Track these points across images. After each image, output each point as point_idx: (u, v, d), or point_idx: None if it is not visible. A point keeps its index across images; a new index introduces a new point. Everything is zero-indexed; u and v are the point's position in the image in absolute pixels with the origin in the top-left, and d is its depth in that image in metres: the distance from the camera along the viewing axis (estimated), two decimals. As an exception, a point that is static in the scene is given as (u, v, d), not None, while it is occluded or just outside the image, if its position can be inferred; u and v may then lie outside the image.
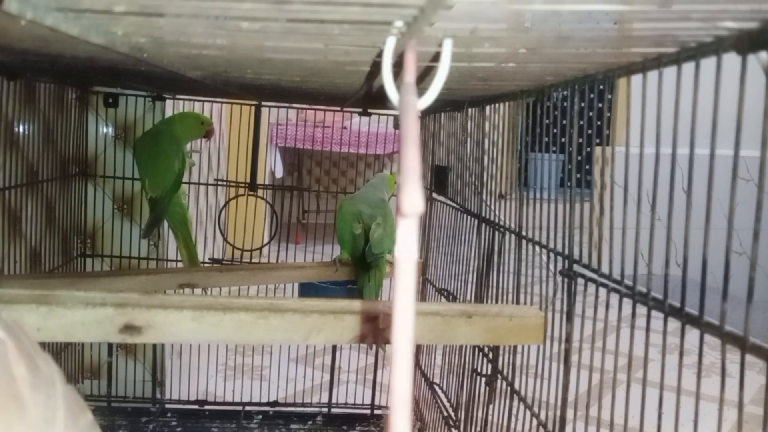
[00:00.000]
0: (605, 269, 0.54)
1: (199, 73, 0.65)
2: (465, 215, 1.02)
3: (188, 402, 1.36)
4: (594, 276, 0.54)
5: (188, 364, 1.47)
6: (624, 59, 0.47)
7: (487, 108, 0.87)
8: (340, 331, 0.60)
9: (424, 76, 0.51)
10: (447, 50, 0.37)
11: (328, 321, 0.60)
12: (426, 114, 1.28)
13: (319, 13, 0.32)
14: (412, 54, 0.39)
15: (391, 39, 0.38)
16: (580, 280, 0.58)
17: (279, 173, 2.94)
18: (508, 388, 0.76)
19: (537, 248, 0.71)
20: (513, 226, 0.76)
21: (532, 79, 0.62)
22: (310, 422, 1.34)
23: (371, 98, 0.95)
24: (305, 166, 3.63)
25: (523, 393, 0.73)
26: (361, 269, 1.07)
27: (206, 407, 1.35)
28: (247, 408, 1.36)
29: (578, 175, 0.94)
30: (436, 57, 0.46)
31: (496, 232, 0.83)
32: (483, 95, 0.80)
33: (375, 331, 0.62)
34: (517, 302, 0.74)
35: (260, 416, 1.35)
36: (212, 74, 0.66)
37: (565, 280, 0.60)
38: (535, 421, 0.69)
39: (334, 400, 1.39)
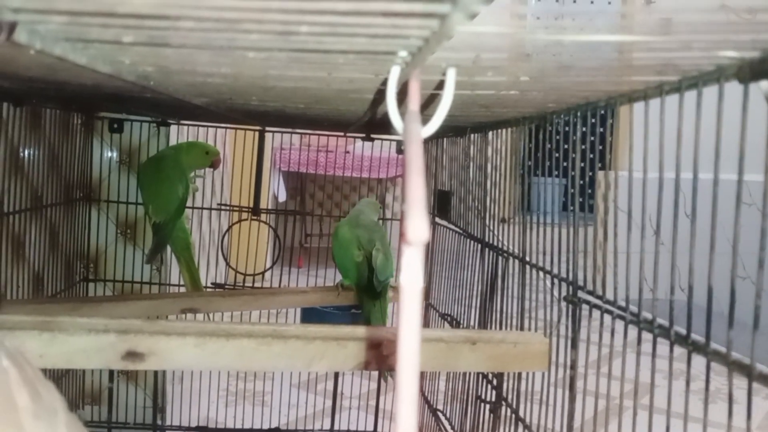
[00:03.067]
0: (609, 295, 0.54)
1: (204, 100, 0.65)
2: (468, 240, 1.01)
3: (189, 429, 1.35)
4: (598, 302, 0.54)
5: (189, 390, 1.46)
6: (626, 87, 0.47)
7: (489, 133, 0.88)
8: (342, 358, 0.60)
9: (428, 104, 0.52)
10: (451, 79, 0.38)
11: (330, 348, 0.60)
12: (428, 139, 1.28)
13: (325, 43, 0.32)
14: (416, 83, 0.39)
15: (396, 68, 0.39)
16: (585, 306, 0.58)
17: (282, 197, 2.95)
18: (513, 416, 0.76)
19: (541, 273, 0.71)
20: (516, 251, 0.76)
21: (534, 106, 0.63)
22: (312, 449, 1.33)
23: (375, 124, 0.96)
24: (308, 190, 3.64)
25: (528, 420, 0.72)
26: (366, 296, 1.07)
27: (207, 433, 1.34)
28: (249, 434, 1.35)
29: (581, 200, 0.94)
30: (440, 85, 0.46)
31: (500, 257, 0.83)
32: (485, 121, 0.81)
33: (378, 357, 0.62)
34: (521, 328, 0.74)
35: (262, 443, 1.34)
36: (217, 101, 0.66)
37: (570, 306, 0.60)
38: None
39: (336, 426, 1.38)
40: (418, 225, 0.28)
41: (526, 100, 0.57)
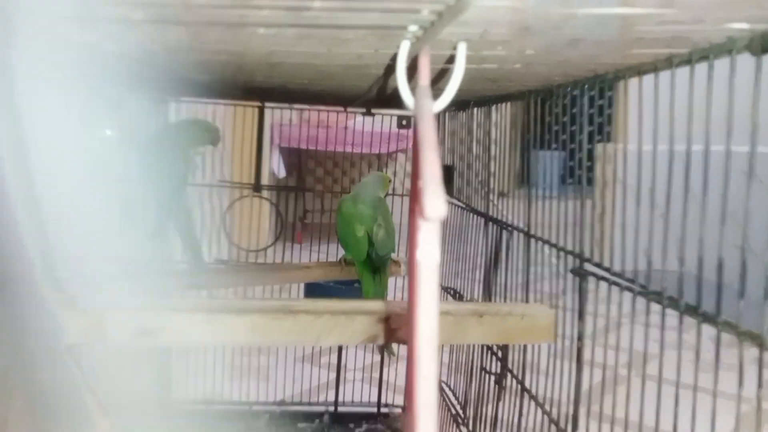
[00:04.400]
0: (615, 268, 0.54)
1: (208, 77, 0.65)
2: (470, 214, 1.02)
3: (195, 402, 1.36)
4: (606, 274, 0.55)
5: (195, 364, 1.48)
6: (634, 60, 0.47)
7: (493, 107, 0.87)
8: (351, 332, 0.60)
9: (438, 79, 0.51)
10: (462, 53, 0.37)
11: (339, 322, 0.60)
12: (429, 113, 1.28)
13: (337, 18, 0.32)
14: (426, 57, 0.39)
15: (406, 43, 0.39)
16: (591, 279, 0.59)
17: (281, 174, 2.95)
18: (518, 386, 0.77)
19: (546, 248, 0.71)
20: (520, 224, 0.76)
21: (540, 80, 0.63)
22: (317, 420, 1.35)
23: (377, 99, 0.95)
24: (306, 166, 3.64)
25: (534, 391, 0.73)
26: (366, 271, 1.07)
27: (213, 407, 1.36)
28: (255, 407, 1.36)
29: (579, 172, 0.94)
30: (448, 59, 0.46)
31: (504, 231, 0.83)
32: (490, 95, 0.81)
33: (387, 331, 0.63)
34: (527, 301, 0.74)
35: (267, 415, 1.35)
36: (221, 78, 0.66)
37: (576, 278, 0.61)
38: (546, 419, 0.69)
39: (340, 399, 1.39)
40: (436, 201, 0.28)
41: (532, 74, 0.57)
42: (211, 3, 0.30)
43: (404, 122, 1.32)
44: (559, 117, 0.70)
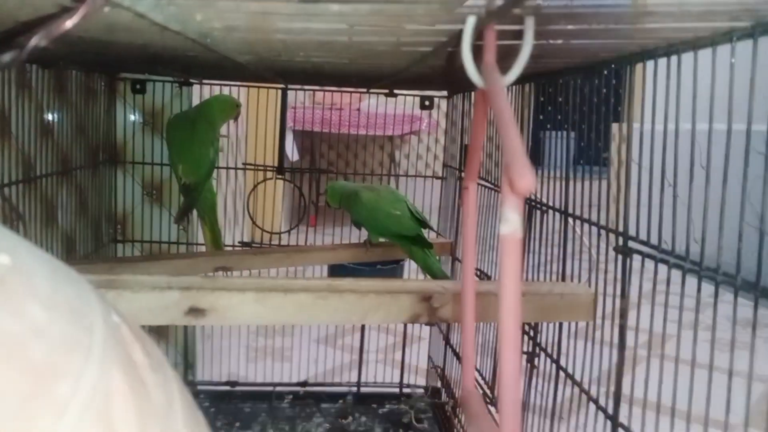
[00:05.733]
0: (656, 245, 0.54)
1: (249, 58, 0.65)
2: (497, 194, 1.02)
3: (219, 384, 1.38)
4: (653, 252, 0.55)
5: (218, 347, 1.49)
6: (689, 33, 0.47)
7: (526, 85, 0.87)
8: (396, 310, 0.61)
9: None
10: (530, 28, 0.37)
11: (384, 301, 0.60)
12: (453, 93, 1.27)
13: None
14: (492, 33, 0.39)
15: (472, 19, 0.38)
16: (636, 257, 0.59)
17: (294, 156, 2.95)
18: (552, 366, 0.77)
19: (579, 225, 0.71)
20: (556, 204, 0.76)
21: (583, 56, 0.62)
22: (340, 401, 1.36)
23: (403, 79, 0.95)
24: (318, 149, 3.63)
25: (569, 370, 0.74)
26: (416, 248, 1.10)
27: (237, 388, 1.37)
28: (278, 388, 1.38)
29: (606, 155, 0.94)
30: (508, 35, 0.46)
31: (537, 211, 0.83)
32: (525, 73, 0.80)
33: (429, 310, 0.63)
34: (563, 279, 0.74)
35: (291, 396, 1.37)
36: (261, 59, 0.66)
37: (620, 256, 0.61)
38: (584, 397, 0.70)
39: (363, 379, 1.41)
40: (525, 175, 0.28)
41: (578, 50, 0.56)
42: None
43: (427, 103, 1.31)
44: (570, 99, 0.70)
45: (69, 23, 0.28)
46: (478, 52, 0.39)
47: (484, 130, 0.43)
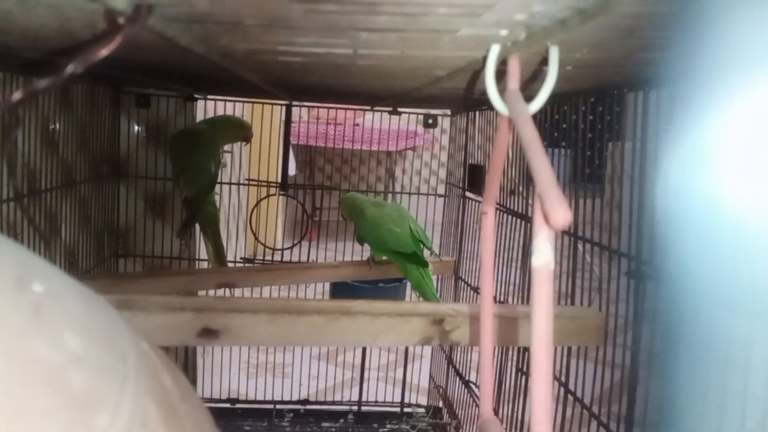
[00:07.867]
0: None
1: (261, 77, 0.65)
2: (502, 213, 1.02)
3: (220, 401, 1.37)
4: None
5: (218, 361, 1.48)
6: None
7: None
8: (408, 333, 0.61)
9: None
10: (554, 56, 0.37)
11: (396, 323, 0.60)
12: (456, 112, 1.28)
13: (453, 23, 0.32)
14: (516, 61, 0.39)
15: (496, 47, 0.39)
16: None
17: (292, 171, 2.95)
18: (561, 389, 0.77)
19: (591, 248, 0.71)
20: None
21: (594, 81, 0.63)
22: (341, 420, 1.35)
23: (411, 98, 0.95)
24: (316, 163, 3.63)
25: (579, 395, 0.73)
26: (413, 267, 1.09)
27: (238, 405, 1.36)
28: (279, 406, 1.37)
29: (601, 171, 0.94)
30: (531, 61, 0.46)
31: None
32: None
33: (441, 333, 0.63)
34: (572, 303, 0.74)
35: (291, 414, 1.36)
36: (273, 77, 0.66)
37: (632, 281, 0.61)
38: (594, 423, 0.69)
39: (363, 398, 1.40)
40: (560, 209, 0.28)
41: (592, 75, 0.57)
42: (338, 9, 0.30)
43: (430, 121, 1.32)
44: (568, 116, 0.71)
45: (105, 51, 0.28)
46: (499, 77, 0.39)
47: (504, 155, 0.43)
